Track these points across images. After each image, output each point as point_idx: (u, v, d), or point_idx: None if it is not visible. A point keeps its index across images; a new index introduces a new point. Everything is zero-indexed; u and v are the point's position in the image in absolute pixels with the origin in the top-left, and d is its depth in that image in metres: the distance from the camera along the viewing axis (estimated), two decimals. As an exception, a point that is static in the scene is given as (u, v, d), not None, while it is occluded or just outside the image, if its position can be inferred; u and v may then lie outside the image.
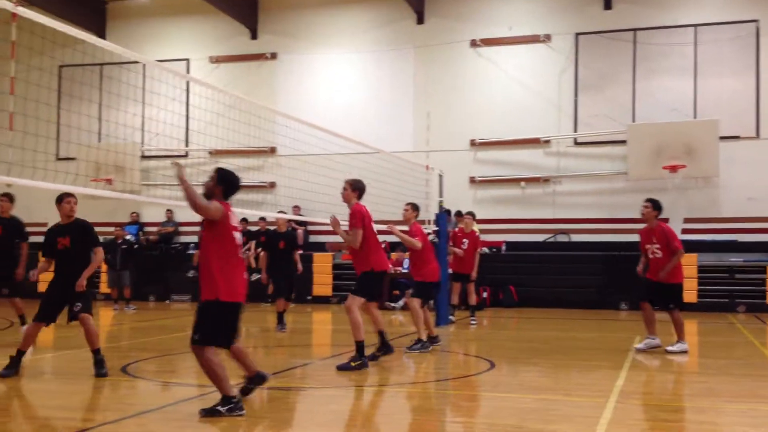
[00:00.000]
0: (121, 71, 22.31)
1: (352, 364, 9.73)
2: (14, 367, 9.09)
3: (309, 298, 21.63)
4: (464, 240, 16.18)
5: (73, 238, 9.26)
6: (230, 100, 13.31)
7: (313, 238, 22.87)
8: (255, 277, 22.03)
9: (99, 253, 9.38)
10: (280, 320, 14.63)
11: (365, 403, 8.25)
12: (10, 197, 13.18)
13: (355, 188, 10.26)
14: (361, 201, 10.34)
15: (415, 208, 12.34)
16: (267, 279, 15.18)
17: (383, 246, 10.78)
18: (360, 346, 9.79)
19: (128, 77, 21.62)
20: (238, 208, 16.95)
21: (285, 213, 15.35)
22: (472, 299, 16.40)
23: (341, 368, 9.65)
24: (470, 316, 16.29)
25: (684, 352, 11.43)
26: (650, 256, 11.63)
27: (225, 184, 7.36)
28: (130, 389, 8.77)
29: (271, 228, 16.73)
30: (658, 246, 11.49)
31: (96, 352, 9.18)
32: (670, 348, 11.43)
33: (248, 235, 22.55)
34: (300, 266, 15.24)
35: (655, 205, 11.69)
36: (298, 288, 17.22)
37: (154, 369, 10.20)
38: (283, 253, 14.72)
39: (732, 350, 12.51)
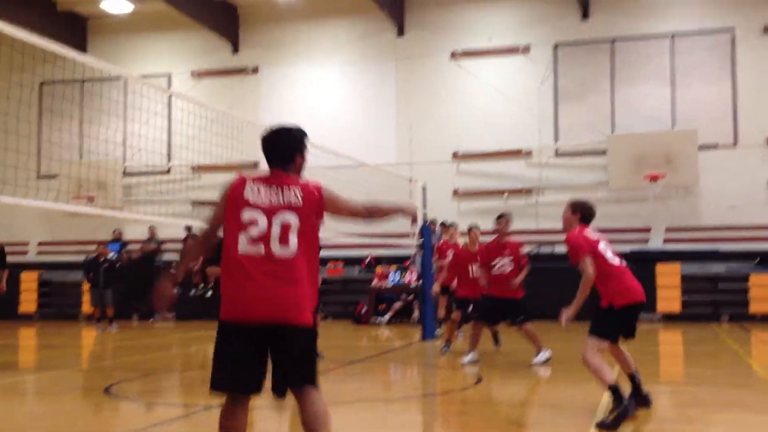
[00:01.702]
0: (103, 87, 22.21)
1: (612, 416, 7.12)
2: None
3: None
4: (449, 251, 16.11)
5: None
6: (213, 115, 13.28)
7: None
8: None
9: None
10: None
11: (353, 420, 8.21)
12: None
13: (576, 210, 7.90)
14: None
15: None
16: None
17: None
18: (614, 390, 7.30)
19: (110, 93, 21.55)
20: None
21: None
22: (441, 312, 16.08)
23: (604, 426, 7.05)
24: (457, 329, 16.24)
25: (548, 359, 11.34)
26: (497, 271, 11.51)
27: None
28: (114, 410, 8.70)
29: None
30: (510, 259, 11.47)
31: None
32: (536, 360, 11.30)
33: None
34: None
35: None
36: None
37: (138, 389, 10.12)
38: None
39: (717, 360, 12.55)
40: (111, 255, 20.89)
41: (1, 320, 17.88)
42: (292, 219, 4.61)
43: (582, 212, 7.93)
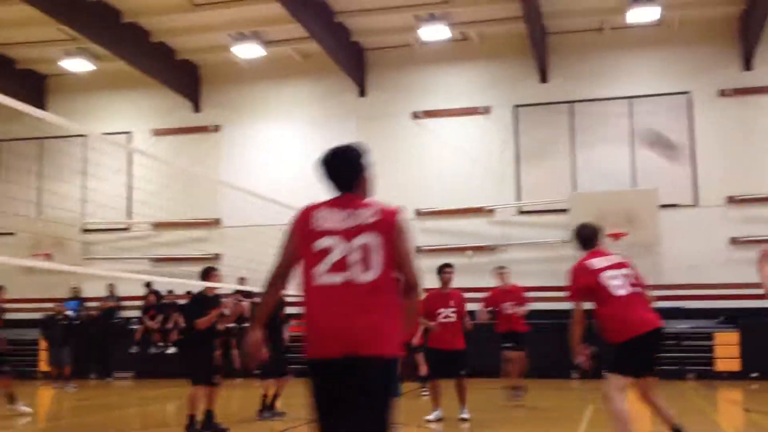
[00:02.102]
0: (61, 144, 22.06)
1: None
2: None
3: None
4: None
5: None
6: (174, 172, 13.20)
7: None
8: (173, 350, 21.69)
9: None
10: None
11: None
12: None
13: (575, 238, 7.89)
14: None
15: None
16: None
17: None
18: None
19: (69, 150, 21.37)
20: (181, 278, 16.69)
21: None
22: (423, 369, 16.05)
23: None
24: (421, 387, 16.11)
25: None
26: (442, 320, 11.51)
27: None
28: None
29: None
30: (454, 310, 11.50)
31: None
32: (464, 415, 11.40)
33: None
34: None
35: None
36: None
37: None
38: (281, 324, 13.34)
39: (684, 418, 12.44)
40: (69, 312, 20.54)
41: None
42: (372, 240, 4.26)
43: (579, 238, 7.74)
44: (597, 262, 7.35)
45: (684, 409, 13.40)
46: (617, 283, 7.21)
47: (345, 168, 4.57)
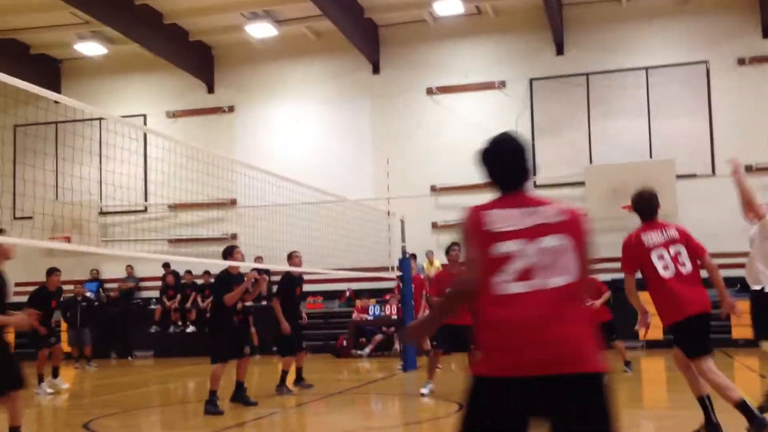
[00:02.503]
0: (76, 128, 22.12)
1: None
2: None
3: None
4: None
5: None
6: (189, 153, 13.23)
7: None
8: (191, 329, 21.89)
9: None
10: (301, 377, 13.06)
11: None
12: None
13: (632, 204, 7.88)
14: None
15: None
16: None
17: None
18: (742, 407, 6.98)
19: (85, 133, 21.45)
20: (199, 258, 16.79)
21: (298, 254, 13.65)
22: (426, 345, 15.86)
23: None
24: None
25: None
26: None
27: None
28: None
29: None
30: None
31: None
32: None
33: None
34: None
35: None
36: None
37: (116, 425, 9.95)
38: (300, 300, 13.63)
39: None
40: (88, 294, 20.76)
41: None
42: (560, 242, 3.70)
43: (635, 207, 7.57)
44: (651, 238, 7.23)
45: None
46: (663, 264, 7.14)
47: (520, 160, 3.95)
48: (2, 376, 7.36)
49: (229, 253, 11.05)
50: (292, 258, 12.83)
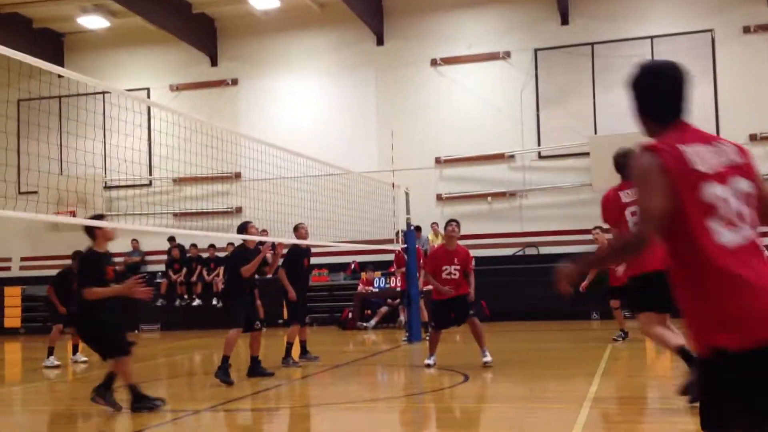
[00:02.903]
0: (79, 102, 22.12)
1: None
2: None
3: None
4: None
5: None
6: (193, 125, 13.22)
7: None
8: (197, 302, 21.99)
9: None
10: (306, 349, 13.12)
11: (340, 420, 8.15)
12: None
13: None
14: None
15: None
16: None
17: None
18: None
19: (89, 107, 21.43)
20: (204, 231, 16.78)
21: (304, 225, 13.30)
22: (425, 315, 15.87)
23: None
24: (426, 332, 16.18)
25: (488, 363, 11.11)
26: (445, 277, 11.25)
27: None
28: (101, 417, 8.61)
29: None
30: (457, 267, 11.21)
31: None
32: (486, 359, 11.07)
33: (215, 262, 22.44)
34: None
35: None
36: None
37: (124, 397, 10.02)
38: (307, 272, 13.69)
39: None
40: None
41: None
42: (748, 186, 3.18)
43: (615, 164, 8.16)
44: (623, 195, 7.44)
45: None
46: (633, 220, 7.14)
47: (687, 86, 3.50)
48: (110, 345, 8.67)
49: (244, 229, 11.27)
50: (298, 230, 12.91)
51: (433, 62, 22.80)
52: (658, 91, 3.44)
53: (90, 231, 9.01)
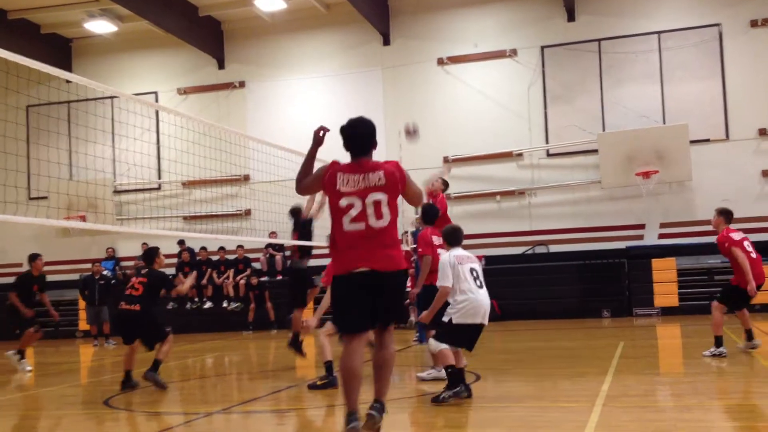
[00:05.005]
0: (88, 107, 22.20)
1: None
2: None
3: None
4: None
5: None
6: (202, 129, 13.27)
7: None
8: (233, 305, 21.98)
9: None
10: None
11: (352, 422, 8.16)
12: None
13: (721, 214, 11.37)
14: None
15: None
16: None
17: None
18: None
19: (97, 112, 21.51)
20: (214, 234, 16.80)
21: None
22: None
23: None
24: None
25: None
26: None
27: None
28: (114, 421, 8.65)
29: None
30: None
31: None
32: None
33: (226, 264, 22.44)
34: None
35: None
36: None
37: (137, 401, 10.05)
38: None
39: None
40: (106, 272, 20.91)
41: (0, 341, 17.89)
42: None
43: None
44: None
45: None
46: None
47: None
48: (153, 337, 10.59)
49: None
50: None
51: (440, 61, 22.81)
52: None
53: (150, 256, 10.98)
